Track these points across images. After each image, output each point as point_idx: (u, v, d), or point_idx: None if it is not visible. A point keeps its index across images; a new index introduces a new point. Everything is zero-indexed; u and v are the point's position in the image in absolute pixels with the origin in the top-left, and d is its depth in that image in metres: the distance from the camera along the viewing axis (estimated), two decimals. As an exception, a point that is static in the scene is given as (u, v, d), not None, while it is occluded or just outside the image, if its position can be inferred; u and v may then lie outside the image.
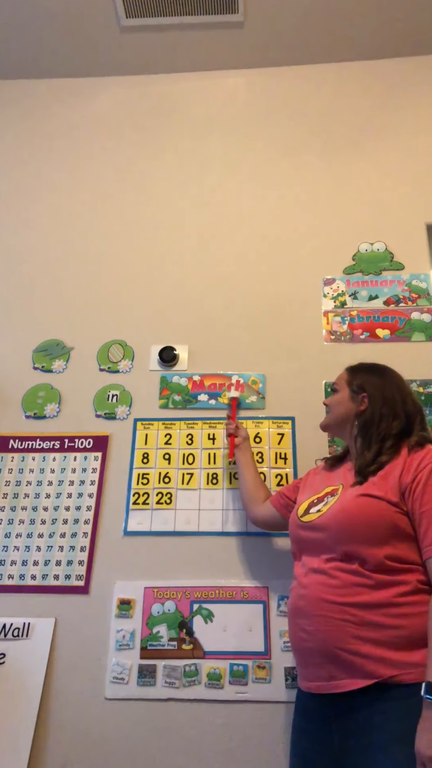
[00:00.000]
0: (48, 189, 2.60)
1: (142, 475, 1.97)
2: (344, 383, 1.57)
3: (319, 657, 1.24)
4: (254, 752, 1.59)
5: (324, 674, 1.22)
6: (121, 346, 2.21)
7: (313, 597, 1.28)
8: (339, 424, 1.55)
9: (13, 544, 1.90)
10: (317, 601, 1.26)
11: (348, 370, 1.62)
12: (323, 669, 1.23)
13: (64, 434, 2.06)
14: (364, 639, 1.19)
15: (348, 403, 1.53)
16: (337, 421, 1.55)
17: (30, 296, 2.35)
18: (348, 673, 1.19)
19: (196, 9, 2.51)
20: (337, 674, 1.20)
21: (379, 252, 2.29)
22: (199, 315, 2.23)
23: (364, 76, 2.68)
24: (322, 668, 1.23)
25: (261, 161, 2.55)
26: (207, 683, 1.66)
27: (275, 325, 2.18)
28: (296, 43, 2.65)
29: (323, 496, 1.44)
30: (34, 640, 1.74)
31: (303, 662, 1.31)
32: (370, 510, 1.28)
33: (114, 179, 2.58)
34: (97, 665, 1.71)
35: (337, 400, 1.57)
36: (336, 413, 1.55)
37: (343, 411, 1.53)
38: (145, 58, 2.74)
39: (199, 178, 2.54)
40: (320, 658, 1.23)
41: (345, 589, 1.24)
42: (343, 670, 1.20)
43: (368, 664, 1.17)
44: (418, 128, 2.54)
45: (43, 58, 2.76)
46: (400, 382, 1.52)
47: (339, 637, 1.21)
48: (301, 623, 1.29)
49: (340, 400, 1.55)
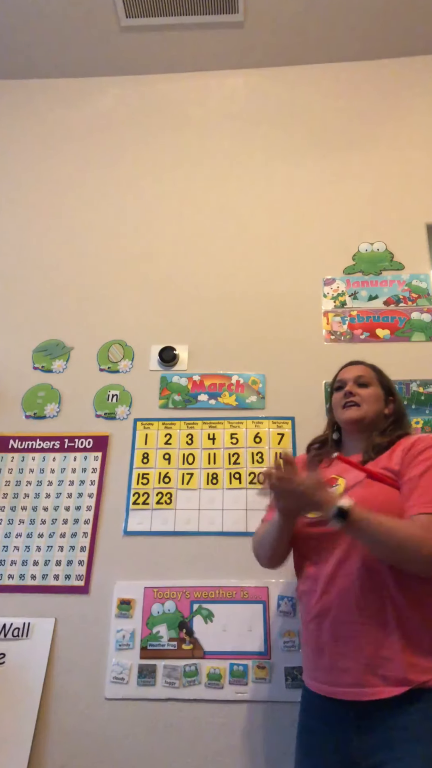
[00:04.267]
0: (48, 189, 2.60)
1: (142, 475, 1.97)
2: (375, 381, 1.53)
3: (350, 662, 1.18)
4: (254, 752, 1.58)
5: (353, 680, 1.17)
6: (121, 346, 2.21)
7: (344, 599, 1.22)
8: (371, 419, 1.47)
9: (13, 544, 1.90)
10: (349, 604, 1.21)
11: (371, 367, 1.58)
12: (351, 674, 1.18)
13: (64, 434, 2.06)
14: (397, 643, 1.16)
15: (381, 402, 1.50)
16: (371, 417, 1.47)
17: (30, 296, 2.35)
18: (381, 679, 1.14)
19: (196, 9, 2.51)
20: (369, 680, 1.15)
21: (379, 252, 2.29)
22: (199, 315, 2.23)
23: (363, 76, 2.68)
24: (349, 674, 1.18)
25: (261, 161, 2.55)
26: (207, 683, 1.66)
27: (275, 325, 2.18)
28: (296, 43, 2.65)
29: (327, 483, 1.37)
30: (34, 640, 1.74)
31: (327, 666, 1.23)
32: (391, 495, 1.26)
33: (113, 179, 2.58)
34: (97, 665, 1.71)
35: (373, 395, 1.50)
36: (373, 409, 1.48)
37: (377, 408, 1.48)
38: (145, 58, 2.74)
39: (199, 178, 2.54)
40: (351, 663, 1.18)
41: (377, 591, 1.20)
42: (375, 676, 1.15)
43: (400, 670, 1.14)
44: (418, 128, 2.54)
45: (43, 58, 2.76)
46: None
47: (373, 642, 1.17)
48: (328, 626, 1.23)
49: (376, 396, 1.50)
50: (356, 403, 1.48)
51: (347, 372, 1.57)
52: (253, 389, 2.08)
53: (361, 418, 1.47)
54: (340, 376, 1.58)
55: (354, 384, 1.51)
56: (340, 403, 1.51)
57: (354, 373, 1.54)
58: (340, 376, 1.58)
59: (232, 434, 2.01)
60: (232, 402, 2.07)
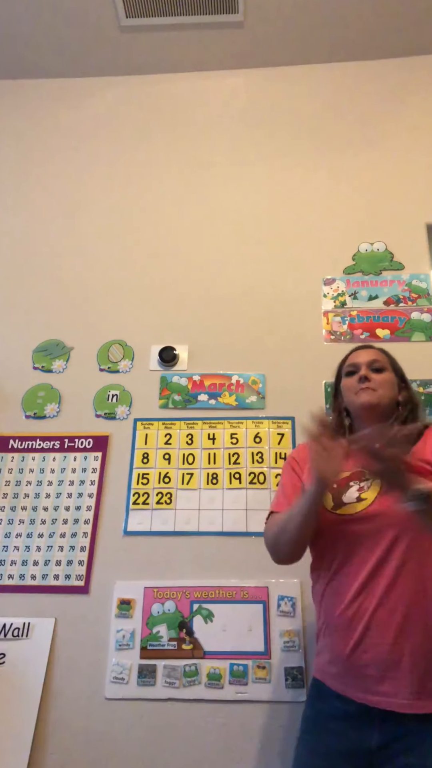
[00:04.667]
0: (48, 188, 2.60)
1: (142, 475, 1.97)
2: (389, 366, 1.46)
3: (407, 672, 1.12)
4: (254, 752, 1.59)
5: (403, 691, 1.12)
6: (121, 346, 2.21)
7: (398, 605, 1.16)
8: (386, 404, 1.40)
9: (13, 544, 1.90)
10: (406, 609, 1.15)
11: (384, 352, 1.50)
12: (402, 684, 1.12)
13: (64, 434, 2.06)
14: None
15: (395, 387, 1.43)
16: (385, 402, 1.39)
17: (30, 296, 2.35)
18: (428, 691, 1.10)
19: (196, 9, 2.51)
20: (420, 691, 1.11)
21: (379, 252, 2.29)
22: (199, 315, 2.23)
23: (363, 76, 2.68)
24: (400, 683, 1.12)
25: (261, 161, 2.55)
26: (207, 683, 1.66)
27: (275, 325, 2.18)
28: (296, 43, 2.65)
29: (345, 481, 1.30)
30: (34, 640, 1.74)
31: (373, 676, 1.15)
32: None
33: (114, 179, 2.58)
34: (97, 665, 1.71)
35: (387, 380, 1.42)
36: (387, 394, 1.40)
37: (391, 394, 1.41)
38: (145, 58, 2.74)
39: (199, 177, 2.54)
40: (405, 673, 1.12)
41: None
42: (423, 687, 1.11)
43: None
44: (418, 128, 2.54)
45: (43, 58, 2.76)
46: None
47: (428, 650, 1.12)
48: (376, 635, 1.16)
49: (390, 382, 1.43)
50: (372, 388, 1.40)
51: (360, 356, 1.48)
52: (253, 389, 2.08)
53: (378, 402, 1.39)
54: (351, 360, 1.49)
55: (368, 368, 1.43)
56: (353, 387, 1.42)
57: (368, 357, 1.46)
58: (352, 359, 1.49)
59: (232, 434, 2.01)
60: (232, 402, 2.07)
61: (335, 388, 1.53)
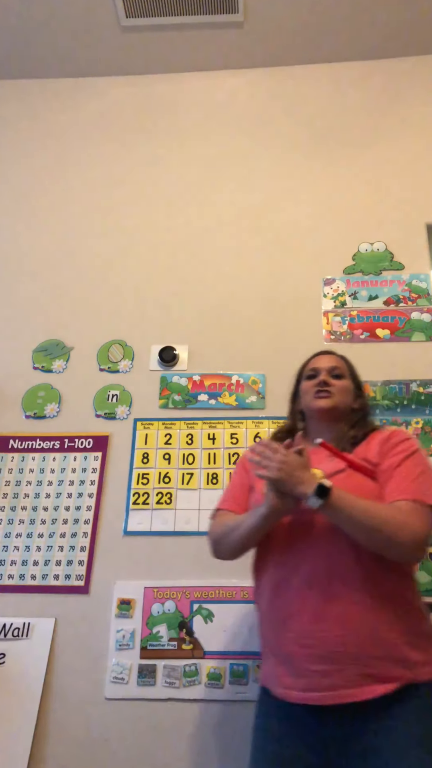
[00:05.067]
0: (48, 189, 2.60)
1: (142, 475, 1.97)
2: (348, 373, 1.52)
3: (346, 663, 1.13)
4: (254, 752, 1.59)
5: (339, 682, 1.12)
6: (121, 346, 2.21)
7: (331, 595, 1.18)
8: (341, 410, 1.44)
9: (13, 544, 1.90)
10: (340, 601, 1.17)
11: (344, 359, 1.56)
12: (337, 677, 1.12)
13: (64, 434, 2.06)
14: (385, 639, 1.14)
15: (351, 394, 1.49)
16: (341, 408, 1.44)
17: (30, 296, 2.35)
18: (369, 678, 1.11)
19: (196, 9, 2.51)
20: (354, 681, 1.11)
21: (379, 252, 2.29)
22: (199, 315, 2.23)
23: (363, 76, 2.68)
24: (333, 676, 1.12)
25: (261, 161, 2.55)
26: (207, 683, 1.66)
27: (275, 325, 2.18)
28: (296, 43, 2.65)
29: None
30: (34, 640, 1.74)
31: (306, 671, 1.15)
32: (372, 487, 1.26)
33: (114, 179, 2.58)
34: (97, 665, 1.71)
35: (345, 387, 1.48)
36: (343, 400, 1.45)
37: (347, 401, 1.47)
38: (145, 58, 2.74)
39: (199, 177, 2.54)
40: (345, 665, 1.13)
41: (364, 584, 1.18)
42: (360, 676, 1.12)
43: (388, 666, 1.12)
44: (418, 128, 2.54)
45: (43, 58, 2.76)
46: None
47: (365, 642, 1.14)
48: (311, 627, 1.17)
49: (347, 388, 1.49)
50: (329, 392, 1.45)
51: (321, 361, 1.53)
52: (253, 389, 2.08)
53: (333, 407, 1.43)
54: (312, 365, 1.54)
55: (328, 374, 1.48)
56: (310, 391, 1.47)
57: (329, 363, 1.51)
58: (313, 364, 1.54)
59: (232, 434, 2.01)
60: (232, 402, 2.07)
61: (294, 391, 1.58)
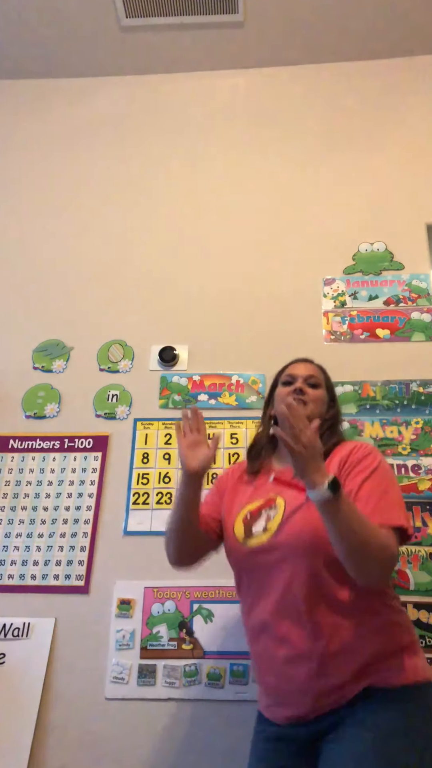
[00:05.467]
0: (48, 188, 2.60)
1: (142, 475, 1.97)
2: (323, 383, 1.51)
3: (316, 695, 1.17)
4: (254, 752, 1.59)
5: (316, 705, 1.17)
6: (121, 346, 2.21)
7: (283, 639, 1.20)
8: (313, 419, 1.35)
9: (13, 544, 1.90)
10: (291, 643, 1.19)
11: (321, 369, 1.55)
12: (312, 704, 1.17)
13: (64, 434, 2.05)
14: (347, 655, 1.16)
15: (324, 405, 1.47)
16: (313, 418, 1.35)
17: (30, 296, 2.35)
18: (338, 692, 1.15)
19: (196, 9, 2.51)
20: (329, 703, 1.16)
21: (379, 252, 2.29)
22: (199, 315, 2.23)
23: (364, 76, 2.68)
24: (308, 705, 1.17)
25: (261, 161, 2.55)
26: (207, 683, 1.66)
27: (275, 325, 2.18)
28: (296, 43, 2.65)
29: (257, 510, 1.32)
30: (34, 640, 1.74)
31: (284, 700, 1.21)
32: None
33: (114, 179, 2.58)
34: (97, 665, 1.71)
35: (320, 396, 1.47)
36: (317, 410, 1.43)
37: (320, 411, 1.44)
38: (145, 58, 2.74)
39: (199, 177, 2.54)
40: (316, 696, 1.17)
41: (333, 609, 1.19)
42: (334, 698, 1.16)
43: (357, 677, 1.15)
44: (418, 128, 2.54)
45: (43, 58, 2.76)
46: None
47: (328, 679, 1.16)
48: (282, 667, 1.20)
49: (322, 399, 1.47)
50: (304, 401, 1.42)
51: (298, 368, 1.52)
52: (253, 389, 2.08)
53: (307, 416, 1.33)
54: (289, 371, 1.52)
55: (304, 382, 1.47)
56: (285, 398, 1.43)
57: (306, 372, 1.50)
58: (290, 371, 1.52)
59: (232, 434, 2.01)
60: (232, 402, 2.07)
61: (269, 396, 1.57)
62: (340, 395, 2.01)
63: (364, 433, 1.94)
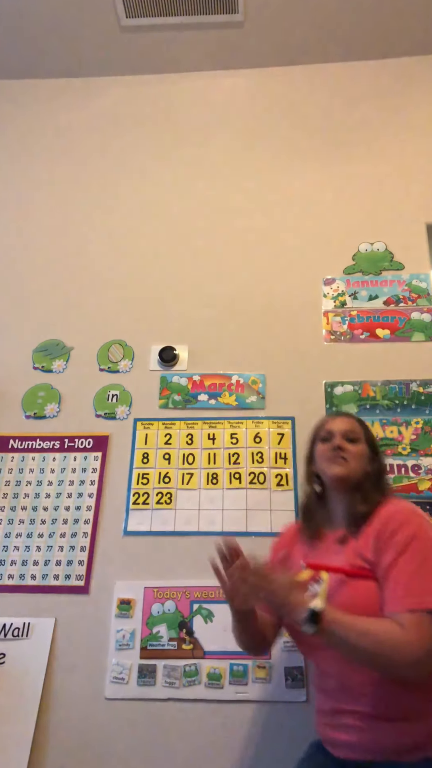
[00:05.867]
0: (47, 189, 2.60)
1: (142, 475, 1.97)
2: (363, 437, 1.44)
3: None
4: (254, 752, 1.58)
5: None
6: (121, 346, 2.21)
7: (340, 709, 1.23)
8: (356, 478, 1.38)
9: (13, 544, 1.90)
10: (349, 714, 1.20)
11: (359, 422, 1.48)
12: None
13: (64, 434, 2.06)
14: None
15: (366, 460, 1.41)
16: (355, 476, 1.37)
17: (30, 296, 2.35)
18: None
19: (196, 9, 2.51)
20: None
21: (379, 252, 2.29)
22: (199, 315, 2.23)
23: (363, 76, 2.68)
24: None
25: (261, 161, 2.55)
26: (207, 683, 1.66)
27: (275, 325, 2.18)
28: (296, 43, 2.65)
29: (305, 584, 1.26)
30: (34, 640, 1.74)
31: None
32: (374, 592, 1.20)
33: (113, 179, 2.58)
34: (97, 665, 1.71)
35: (360, 452, 1.40)
36: (359, 466, 1.39)
37: (363, 467, 1.39)
38: (145, 58, 2.74)
39: (199, 177, 2.54)
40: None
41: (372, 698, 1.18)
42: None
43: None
44: (418, 128, 2.54)
45: (43, 58, 2.76)
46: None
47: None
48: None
49: (362, 454, 1.41)
50: (344, 458, 1.39)
51: (335, 423, 1.46)
52: (253, 389, 2.08)
53: (348, 475, 1.37)
54: (327, 427, 1.46)
55: (343, 438, 1.41)
56: (325, 455, 1.42)
57: (343, 426, 1.44)
58: (328, 426, 1.46)
59: (232, 434, 2.01)
60: (232, 402, 2.07)
61: (309, 452, 1.51)
62: (340, 395, 2.02)
63: (364, 433, 1.94)
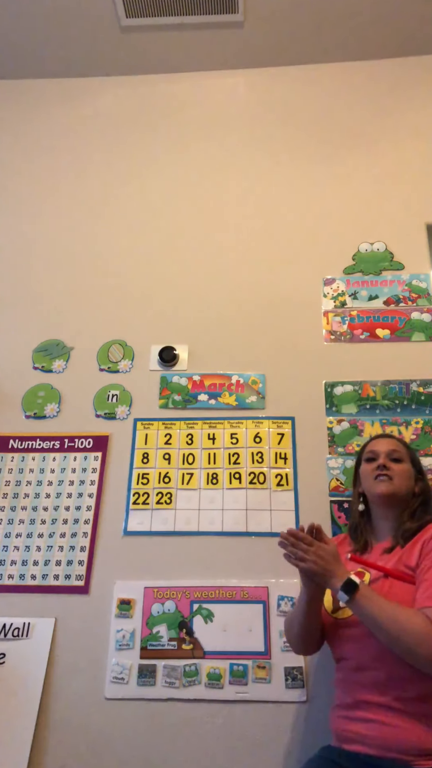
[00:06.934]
0: (48, 189, 2.60)
1: (142, 475, 1.97)
2: (407, 457, 1.53)
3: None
4: (254, 752, 1.58)
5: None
6: (121, 346, 2.21)
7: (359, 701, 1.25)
8: (401, 496, 1.46)
9: (13, 544, 1.90)
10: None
11: (403, 443, 1.59)
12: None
13: (64, 434, 2.06)
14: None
15: (411, 479, 1.49)
16: (401, 492, 1.46)
17: (30, 296, 2.35)
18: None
19: (196, 9, 2.51)
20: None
21: (379, 252, 2.29)
22: (199, 315, 2.23)
23: (363, 76, 2.68)
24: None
25: (261, 161, 2.55)
26: (207, 683, 1.66)
27: (275, 325, 2.18)
28: (296, 43, 2.65)
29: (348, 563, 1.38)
30: (34, 640, 1.74)
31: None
32: (411, 593, 1.25)
33: (114, 179, 2.58)
34: (97, 665, 1.71)
35: (405, 471, 1.49)
36: (404, 484, 1.47)
37: (407, 486, 1.47)
38: (145, 58, 2.74)
39: (199, 177, 2.54)
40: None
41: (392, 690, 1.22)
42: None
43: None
44: (418, 128, 2.54)
45: (43, 58, 2.76)
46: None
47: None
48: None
49: (407, 473, 1.49)
50: (389, 476, 1.47)
51: (379, 444, 1.56)
52: (253, 389, 2.08)
53: (393, 493, 1.45)
54: (371, 447, 1.56)
55: (387, 458, 1.50)
56: (371, 474, 1.50)
57: (388, 447, 1.53)
58: (372, 447, 1.56)
59: (232, 434, 2.01)
60: (232, 402, 2.07)
61: (355, 473, 1.61)
62: (340, 395, 2.02)
63: (363, 433, 1.94)
